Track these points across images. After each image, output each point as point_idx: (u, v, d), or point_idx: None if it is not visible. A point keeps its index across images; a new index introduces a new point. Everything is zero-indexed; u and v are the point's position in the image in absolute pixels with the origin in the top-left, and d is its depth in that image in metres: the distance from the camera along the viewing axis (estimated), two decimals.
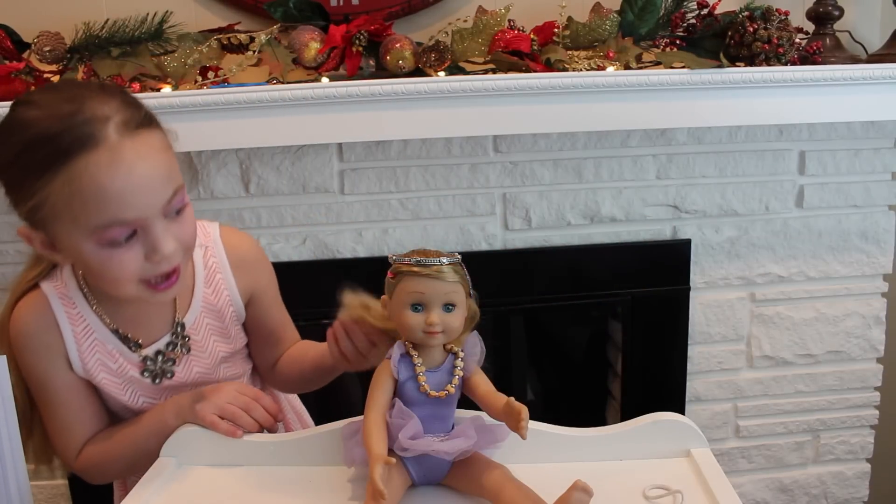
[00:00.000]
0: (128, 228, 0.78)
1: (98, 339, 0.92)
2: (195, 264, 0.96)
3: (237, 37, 1.37)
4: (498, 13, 1.38)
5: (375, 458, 0.71)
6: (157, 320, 0.95)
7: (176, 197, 0.81)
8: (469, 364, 0.80)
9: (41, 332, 0.90)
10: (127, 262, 0.79)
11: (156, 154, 0.80)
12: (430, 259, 0.76)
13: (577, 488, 0.69)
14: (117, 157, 0.75)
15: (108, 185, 0.75)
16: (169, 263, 0.81)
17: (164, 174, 0.80)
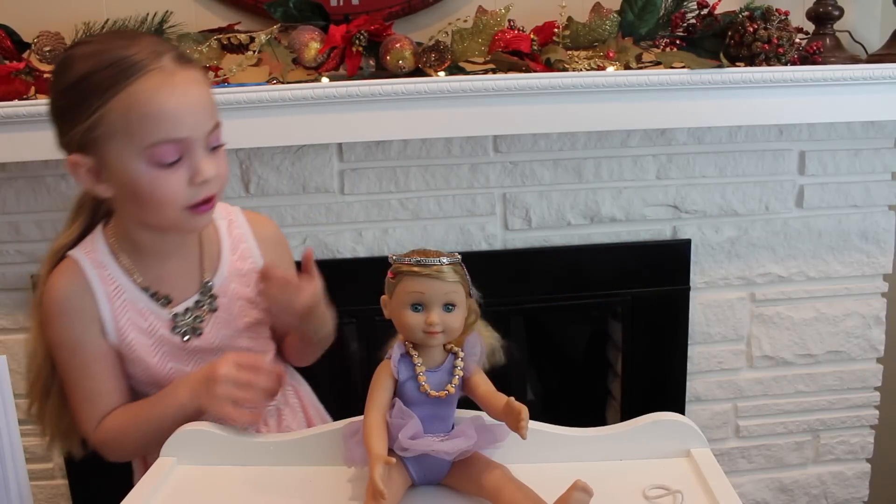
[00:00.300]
0: (176, 149, 0.84)
1: (129, 298, 0.95)
2: (220, 232, 1.01)
3: (237, 37, 1.37)
4: (498, 13, 1.38)
5: (375, 458, 0.71)
6: (185, 279, 0.98)
7: (216, 131, 0.88)
8: (469, 364, 0.80)
9: (75, 296, 0.93)
10: (173, 183, 0.85)
11: (203, 86, 0.88)
12: (430, 259, 0.76)
13: (577, 488, 0.69)
14: (173, 81, 0.84)
15: (164, 104, 0.83)
16: (208, 189, 0.88)
17: (210, 105, 0.88)
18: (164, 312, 0.96)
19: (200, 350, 0.98)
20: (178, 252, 0.97)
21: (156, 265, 0.96)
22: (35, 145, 1.33)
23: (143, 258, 0.96)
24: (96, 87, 0.83)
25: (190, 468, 0.87)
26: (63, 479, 1.64)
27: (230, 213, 1.03)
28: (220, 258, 1.00)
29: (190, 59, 0.89)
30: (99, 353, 0.95)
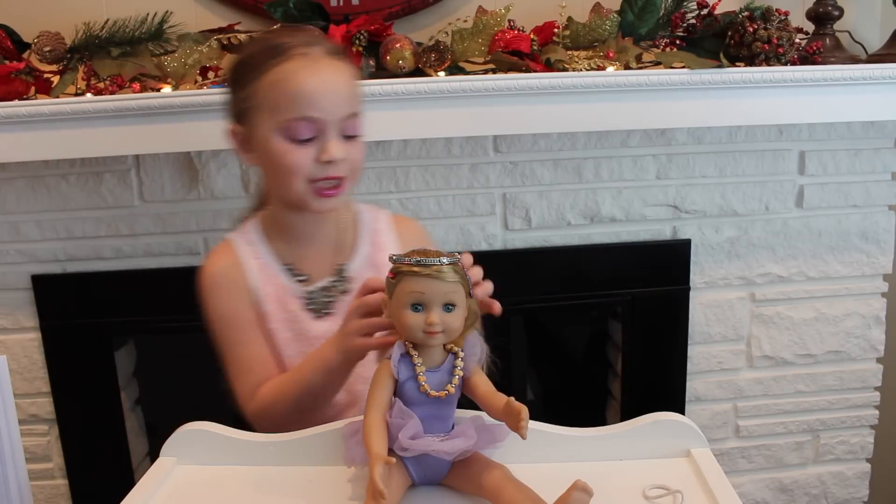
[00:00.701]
0: (310, 127, 0.94)
1: (271, 272, 1.04)
2: (360, 224, 1.08)
3: (237, 37, 1.37)
4: (498, 13, 1.38)
5: (375, 458, 0.71)
6: (323, 261, 1.05)
7: (352, 119, 0.96)
8: (469, 364, 0.80)
9: (228, 270, 1.04)
10: (301, 157, 0.94)
11: (345, 78, 0.97)
12: (430, 259, 0.76)
13: (577, 488, 0.69)
14: (317, 66, 0.94)
15: (304, 84, 0.93)
16: (335, 170, 0.95)
17: (348, 94, 0.97)
18: (300, 289, 1.03)
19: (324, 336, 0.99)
20: (318, 235, 1.05)
21: (297, 246, 1.05)
22: (35, 145, 1.33)
23: (287, 238, 1.05)
24: (255, 65, 0.96)
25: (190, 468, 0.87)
26: (63, 479, 1.64)
27: (376, 210, 1.10)
28: (357, 246, 1.06)
29: (339, 53, 0.99)
30: (249, 322, 1.03)
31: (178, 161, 1.49)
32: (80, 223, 1.51)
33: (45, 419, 1.61)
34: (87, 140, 1.33)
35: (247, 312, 1.03)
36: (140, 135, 1.33)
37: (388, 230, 1.08)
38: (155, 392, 1.74)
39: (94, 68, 1.37)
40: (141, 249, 1.53)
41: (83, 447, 1.61)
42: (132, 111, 1.30)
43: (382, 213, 1.10)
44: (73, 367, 1.57)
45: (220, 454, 0.87)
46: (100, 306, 1.54)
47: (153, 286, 1.54)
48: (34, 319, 1.56)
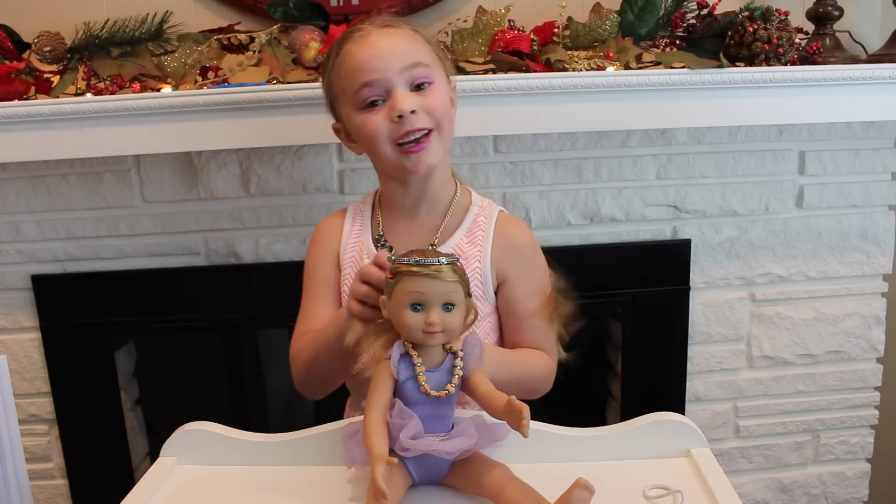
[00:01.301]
0: (374, 90, 0.97)
1: (361, 240, 1.08)
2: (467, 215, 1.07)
3: (237, 37, 1.37)
4: (498, 13, 1.38)
5: (377, 458, 0.71)
6: (415, 237, 1.06)
7: (417, 69, 0.98)
8: (469, 364, 0.80)
9: (327, 230, 1.11)
10: (376, 120, 0.98)
11: (399, 37, 0.99)
12: (429, 259, 0.76)
13: (578, 486, 0.69)
14: (366, 39, 0.98)
15: (356, 57, 0.98)
16: (411, 123, 0.96)
17: (405, 49, 0.98)
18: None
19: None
20: (418, 213, 1.07)
21: (395, 219, 1.08)
22: (35, 145, 1.33)
23: (390, 212, 1.09)
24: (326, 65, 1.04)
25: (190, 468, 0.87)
26: (63, 479, 1.64)
27: (488, 206, 1.09)
28: (454, 234, 1.06)
29: (391, 22, 1.01)
30: (325, 279, 1.08)
31: (178, 161, 1.49)
32: (80, 223, 1.51)
33: (45, 419, 1.61)
34: (87, 140, 1.33)
35: (326, 271, 1.09)
36: (140, 135, 1.33)
37: (487, 227, 1.06)
38: (155, 392, 1.74)
39: (94, 68, 1.37)
40: (141, 249, 1.53)
41: (83, 447, 1.61)
42: (132, 111, 1.30)
43: (493, 210, 1.09)
44: (73, 367, 1.57)
45: (220, 454, 0.87)
46: (100, 306, 1.54)
47: (153, 286, 1.54)
48: (34, 319, 1.56)
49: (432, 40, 1.05)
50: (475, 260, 1.04)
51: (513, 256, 1.05)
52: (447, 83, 1.04)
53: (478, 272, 1.04)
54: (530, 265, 1.07)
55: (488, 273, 1.04)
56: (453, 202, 1.07)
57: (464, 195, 1.09)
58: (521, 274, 1.06)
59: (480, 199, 1.10)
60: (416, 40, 1.01)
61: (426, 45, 1.01)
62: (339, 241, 1.09)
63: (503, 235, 1.06)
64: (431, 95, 0.99)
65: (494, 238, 1.05)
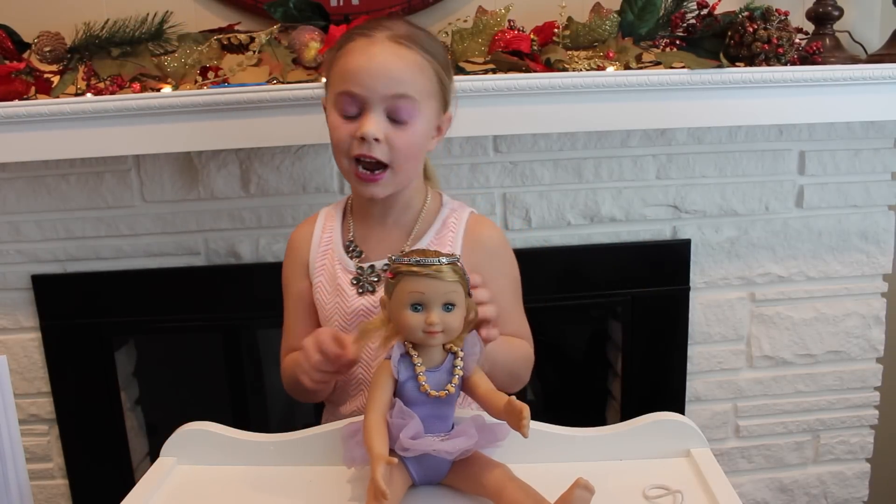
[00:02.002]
0: (354, 103, 0.96)
1: (332, 247, 1.07)
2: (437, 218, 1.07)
3: (237, 37, 1.37)
4: (498, 13, 1.38)
5: (377, 458, 0.71)
6: (386, 244, 1.06)
7: (401, 101, 0.95)
8: (469, 364, 0.80)
9: (297, 241, 1.10)
10: (343, 132, 0.97)
11: (400, 60, 0.96)
12: (429, 259, 0.76)
13: (578, 486, 0.69)
14: (371, 47, 0.96)
15: (353, 62, 0.95)
16: (370, 150, 0.95)
17: (398, 75, 0.95)
18: (352, 263, 1.05)
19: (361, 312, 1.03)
20: (387, 218, 1.06)
21: (367, 225, 1.07)
22: (35, 145, 1.33)
23: (361, 218, 1.08)
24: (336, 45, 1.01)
25: (190, 468, 0.87)
26: (63, 479, 1.64)
27: (459, 208, 1.10)
28: (424, 236, 1.06)
29: (405, 38, 0.96)
30: (298, 294, 1.09)
31: (178, 161, 1.49)
32: (80, 223, 1.51)
33: (45, 419, 1.61)
34: (87, 140, 1.33)
35: (298, 283, 1.09)
36: (140, 135, 1.33)
37: (458, 228, 1.06)
38: (155, 392, 1.74)
39: (94, 68, 1.37)
40: (141, 249, 1.53)
41: (83, 447, 1.61)
42: (132, 111, 1.30)
43: (463, 212, 1.09)
44: (73, 367, 1.57)
45: (220, 454, 0.87)
46: (100, 306, 1.54)
47: (153, 286, 1.54)
48: (34, 319, 1.56)
49: (442, 67, 1.01)
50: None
51: (483, 255, 1.05)
52: (435, 117, 1.01)
53: None
54: (501, 263, 1.08)
55: None
56: (424, 208, 1.07)
57: (434, 199, 1.09)
58: (494, 272, 1.04)
59: (451, 202, 1.10)
60: (417, 68, 0.97)
61: (427, 76, 0.98)
62: (308, 250, 1.08)
63: (473, 236, 1.06)
64: (403, 133, 0.96)
65: (465, 239, 1.05)
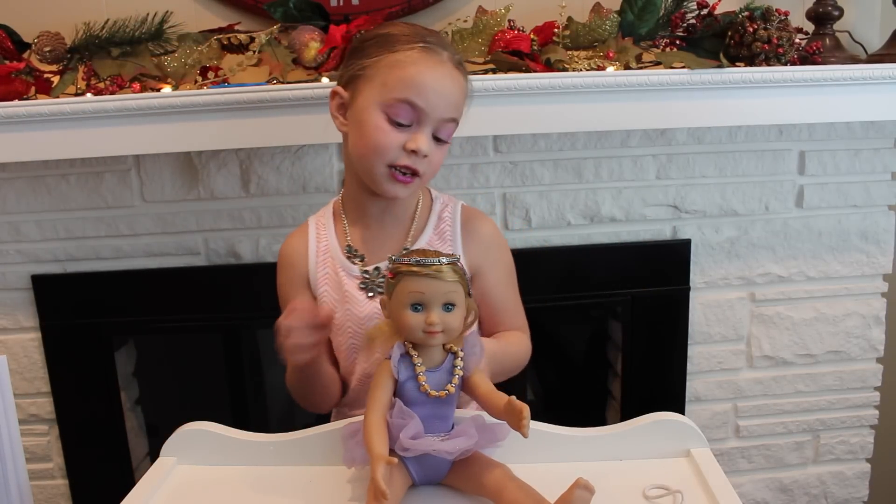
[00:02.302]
0: (410, 114, 0.96)
1: (332, 255, 1.06)
2: (432, 212, 1.08)
3: (237, 37, 1.37)
4: (498, 13, 1.38)
5: (377, 459, 0.71)
6: (387, 244, 1.06)
7: (449, 125, 0.99)
8: (469, 364, 0.80)
9: (292, 255, 1.08)
10: (392, 139, 0.96)
11: (459, 87, 1.00)
12: (429, 259, 0.76)
13: (578, 486, 0.69)
14: (440, 66, 0.97)
15: (421, 75, 0.96)
16: (415, 162, 0.97)
17: (456, 102, 0.99)
18: (356, 269, 1.05)
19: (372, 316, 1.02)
20: (385, 218, 1.06)
21: (364, 227, 1.07)
22: (35, 145, 1.33)
23: (356, 220, 1.07)
24: (385, 43, 0.99)
25: (190, 468, 0.87)
26: (63, 479, 1.64)
27: (450, 201, 1.11)
28: (423, 233, 1.07)
29: (460, 65, 1.01)
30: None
31: (178, 161, 1.49)
32: (80, 223, 1.51)
33: (45, 419, 1.61)
34: (87, 140, 1.33)
35: (300, 296, 1.07)
36: (140, 135, 1.33)
37: (453, 220, 1.08)
38: (155, 392, 1.74)
39: (94, 68, 1.37)
40: (141, 249, 1.53)
41: (83, 447, 1.61)
42: (132, 111, 1.30)
43: (455, 205, 1.10)
44: (73, 367, 1.57)
45: (220, 454, 0.87)
46: (100, 306, 1.54)
47: (153, 286, 1.54)
48: (34, 319, 1.56)
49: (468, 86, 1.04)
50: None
51: (482, 248, 1.07)
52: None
53: None
54: (498, 253, 1.10)
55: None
56: (418, 206, 1.08)
57: (425, 195, 1.10)
58: (491, 264, 1.08)
59: (440, 195, 1.11)
60: (465, 96, 1.02)
61: (463, 101, 1.02)
62: (305, 263, 1.07)
63: (470, 229, 1.08)
64: (441, 151, 1.00)
65: (462, 233, 1.07)
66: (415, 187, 1.01)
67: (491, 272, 1.08)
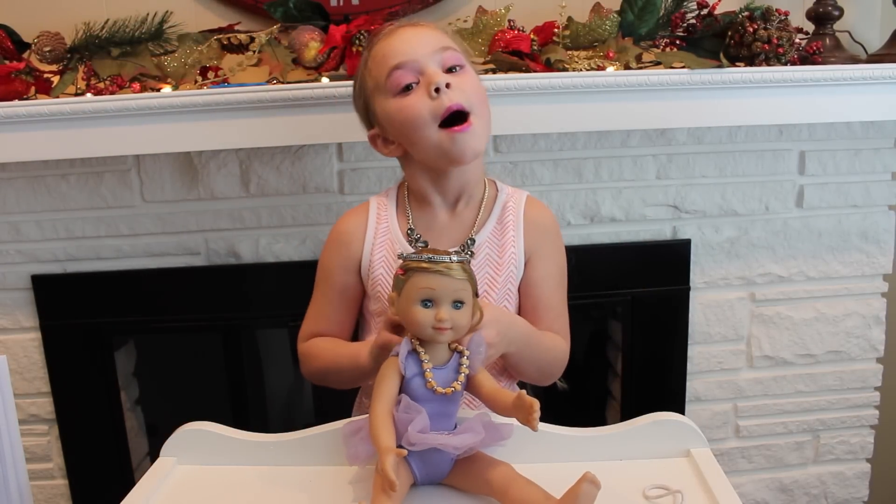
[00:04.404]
0: (406, 72, 0.96)
1: (391, 238, 1.05)
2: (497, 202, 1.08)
3: (237, 37, 1.37)
4: (498, 13, 1.38)
5: (385, 451, 0.71)
6: (453, 232, 1.06)
7: (447, 52, 0.98)
8: (475, 363, 0.80)
9: (349, 234, 1.07)
10: (414, 101, 0.96)
11: (427, 28, 1.00)
12: (440, 256, 0.77)
13: (585, 480, 0.70)
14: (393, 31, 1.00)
15: (386, 46, 0.98)
16: (449, 98, 0.95)
17: (431, 36, 0.99)
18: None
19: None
20: (455, 207, 1.06)
21: (429, 214, 1.06)
22: (35, 145, 1.33)
23: (421, 206, 1.07)
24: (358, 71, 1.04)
25: (190, 468, 0.87)
26: (63, 479, 1.64)
27: (514, 192, 1.10)
28: (487, 222, 1.06)
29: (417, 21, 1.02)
30: (341, 286, 1.07)
31: (178, 161, 1.49)
32: (80, 223, 1.51)
33: (45, 419, 1.61)
34: (87, 140, 1.33)
35: (343, 276, 1.07)
36: (140, 135, 1.33)
37: (518, 211, 1.07)
38: (155, 392, 1.74)
39: (94, 68, 1.37)
40: (141, 249, 1.53)
41: (83, 447, 1.61)
42: (132, 111, 1.30)
43: (521, 195, 1.10)
44: (73, 367, 1.57)
45: (220, 454, 0.87)
46: (100, 306, 1.54)
47: (153, 286, 1.54)
48: (34, 319, 1.56)
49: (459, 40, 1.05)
50: (510, 246, 1.05)
51: (539, 234, 1.08)
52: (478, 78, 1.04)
53: (512, 258, 1.05)
54: (554, 247, 1.10)
55: (521, 257, 1.06)
56: (485, 195, 1.08)
57: (490, 187, 1.10)
58: (544, 253, 1.08)
59: (506, 187, 1.11)
60: (444, 32, 1.02)
61: (452, 39, 1.02)
62: (361, 245, 1.06)
63: (531, 218, 1.08)
64: (465, 77, 0.98)
65: (525, 221, 1.07)
66: (482, 129, 0.99)
67: (542, 263, 1.07)
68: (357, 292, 1.08)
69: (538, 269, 1.07)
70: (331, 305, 1.08)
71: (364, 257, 1.06)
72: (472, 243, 1.05)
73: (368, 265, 1.05)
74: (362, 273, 1.06)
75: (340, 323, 1.09)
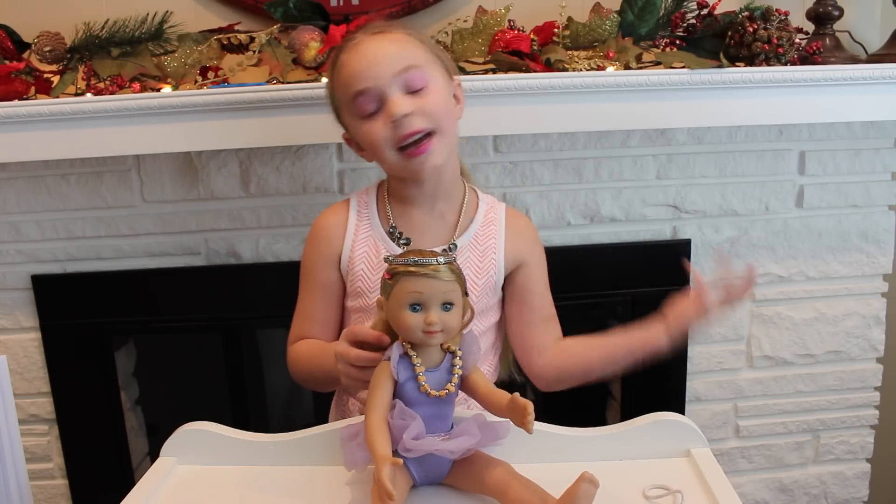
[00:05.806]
0: (368, 99, 0.98)
1: (372, 235, 1.07)
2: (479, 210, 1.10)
3: (237, 37, 1.37)
4: (498, 13, 1.38)
5: (382, 460, 0.71)
6: (435, 233, 1.07)
7: (410, 72, 0.98)
8: (468, 363, 0.80)
9: (328, 230, 1.08)
10: (376, 129, 0.98)
11: (389, 42, 1.00)
12: (427, 258, 0.76)
13: (584, 480, 0.70)
14: (356, 46, 1.00)
15: (348, 67, 0.99)
16: (409, 126, 0.97)
17: (395, 54, 0.98)
18: (399, 250, 1.05)
19: None
20: (433, 208, 1.07)
21: (408, 211, 1.07)
22: (35, 145, 1.33)
23: (401, 204, 1.08)
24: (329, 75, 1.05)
25: (190, 468, 0.87)
26: (63, 479, 1.64)
27: (494, 202, 1.12)
28: (470, 227, 1.08)
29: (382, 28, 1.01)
30: (323, 283, 1.08)
31: (178, 161, 1.49)
32: (80, 223, 1.52)
33: (45, 419, 1.61)
34: (87, 140, 1.33)
35: (323, 272, 1.08)
36: (140, 135, 1.33)
37: (499, 220, 1.10)
38: (155, 392, 1.74)
39: (94, 68, 1.37)
40: (141, 249, 1.53)
41: (83, 447, 1.61)
42: (132, 111, 1.30)
43: (500, 205, 1.13)
44: (73, 367, 1.57)
45: (220, 454, 0.87)
46: (100, 306, 1.54)
47: (153, 286, 1.54)
48: (34, 319, 1.56)
49: (427, 40, 1.05)
50: (491, 251, 1.07)
51: (527, 243, 1.10)
52: (446, 81, 1.03)
53: (493, 262, 1.07)
54: (539, 252, 1.13)
55: (502, 264, 1.07)
56: (465, 198, 1.10)
57: (471, 193, 1.12)
58: (533, 261, 1.10)
59: (485, 196, 1.13)
60: (408, 43, 1.01)
61: (419, 47, 1.01)
62: (341, 241, 1.07)
63: (515, 226, 1.10)
64: (427, 96, 0.99)
65: (507, 230, 1.09)
66: (441, 146, 1.00)
67: (532, 268, 1.10)
68: (339, 288, 1.09)
69: (529, 275, 1.10)
70: (314, 304, 1.09)
71: (344, 253, 1.07)
72: (455, 248, 1.07)
73: (349, 261, 1.06)
74: (342, 269, 1.07)
75: (325, 322, 1.10)
